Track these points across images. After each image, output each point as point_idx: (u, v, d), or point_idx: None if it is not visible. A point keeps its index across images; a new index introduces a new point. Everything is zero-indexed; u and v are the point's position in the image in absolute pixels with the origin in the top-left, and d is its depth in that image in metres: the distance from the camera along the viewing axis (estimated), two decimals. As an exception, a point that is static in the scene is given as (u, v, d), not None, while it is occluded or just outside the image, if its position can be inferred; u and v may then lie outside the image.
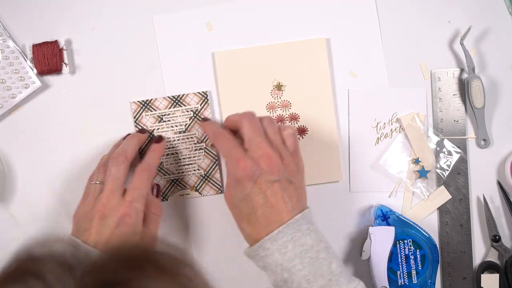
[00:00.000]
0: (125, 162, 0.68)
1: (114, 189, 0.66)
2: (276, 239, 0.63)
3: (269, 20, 0.77)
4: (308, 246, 0.63)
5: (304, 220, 0.64)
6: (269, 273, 0.64)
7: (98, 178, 0.69)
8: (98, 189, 0.67)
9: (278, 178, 0.64)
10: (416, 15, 0.78)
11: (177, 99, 0.76)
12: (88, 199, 0.67)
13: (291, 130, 0.68)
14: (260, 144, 0.65)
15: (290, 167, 0.66)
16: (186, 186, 0.76)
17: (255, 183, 0.63)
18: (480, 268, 0.76)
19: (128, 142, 0.71)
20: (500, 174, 0.78)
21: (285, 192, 0.64)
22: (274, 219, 0.63)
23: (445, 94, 0.78)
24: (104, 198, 0.65)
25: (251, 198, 0.64)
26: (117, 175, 0.67)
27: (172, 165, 0.76)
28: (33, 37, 0.76)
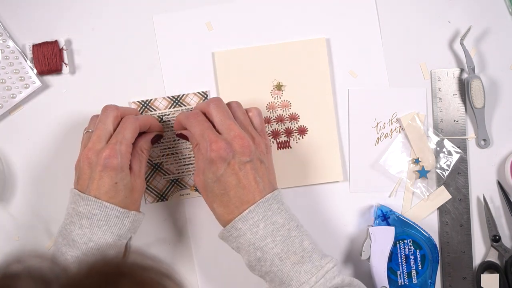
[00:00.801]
0: (114, 110, 0.68)
1: (100, 135, 0.66)
2: (247, 218, 0.63)
3: (269, 20, 0.77)
4: (279, 225, 0.64)
5: (274, 199, 0.65)
6: (243, 253, 0.65)
7: (90, 127, 0.69)
8: (89, 137, 0.68)
9: (250, 159, 0.64)
10: (416, 15, 0.78)
11: (177, 99, 0.76)
12: (81, 148, 0.68)
13: (256, 111, 0.70)
14: (230, 126, 0.65)
15: (261, 147, 0.67)
16: (186, 186, 0.76)
17: (229, 164, 0.64)
18: (480, 268, 0.76)
19: (128, 109, 0.72)
20: (500, 174, 0.78)
21: (256, 172, 0.65)
22: (246, 199, 0.64)
23: (445, 94, 0.78)
24: (90, 143, 0.66)
25: (224, 179, 0.64)
26: (105, 121, 0.67)
27: (172, 165, 0.76)
28: (33, 37, 0.76)
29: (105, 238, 0.64)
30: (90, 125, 0.70)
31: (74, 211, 0.65)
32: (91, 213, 0.64)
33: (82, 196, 0.64)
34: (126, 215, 0.65)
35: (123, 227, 0.65)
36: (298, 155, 0.76)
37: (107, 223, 0.64)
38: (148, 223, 0.75)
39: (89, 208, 0.64)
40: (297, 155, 0.77)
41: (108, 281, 0.42)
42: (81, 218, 0.64)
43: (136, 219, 0.66)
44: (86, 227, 0.64)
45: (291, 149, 0.77)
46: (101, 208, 0.64)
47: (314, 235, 0.75)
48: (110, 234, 0.64)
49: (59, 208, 0.75)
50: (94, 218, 0.64)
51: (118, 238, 0.65)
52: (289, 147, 0.77)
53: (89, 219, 0.64)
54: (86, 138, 0.68)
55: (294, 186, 0.76)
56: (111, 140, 0.66)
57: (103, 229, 0.64)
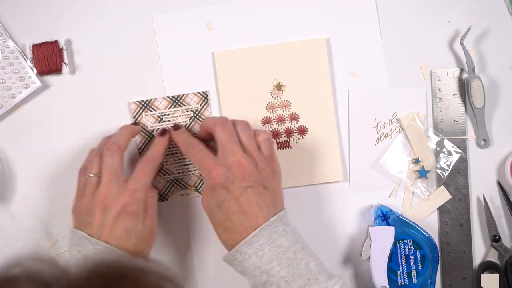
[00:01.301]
0: (119, 151, 0.67)
1: (112, 179, 0.66)
2: (252, 242, 0.63)
3: (269, 20, 0.77)
4: (285, 247, 0.63)
5: (279, 222, 0.65)
6: (248, 277, 0.65)
7: (92, 171, 0.68)
8: (94, 182, 0.67)
9: (251, 184, 0.64)
10: (416, 15, 0.78)
11: (177, 99, 0.76)
12: (86, 193, 0.67)
13: (266, 135, 0.68)
14: (233, 151, 0.65)
15: (264, 173, 0.66)
16: (186, 186, 0.76)
17: (228, 190, 0.64)
18: (480, 268, 0.76)
19: (121, 133, 0.71)
20: (500, 174, 0.78)
21: (259, 197, 0.64)
22: (249, 225, 0.64)
23: (445, 94, 0.78)
24: (103, 190, 0.65)
25: (226, 205, 0.64)
26: (113, 165, 0.66)
27: (172, 165, 0.76)
28: (33, 37, 0.76)
29: None
30: (92, 168, 0.67)
31: (81, 254, 0.64)
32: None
33: (91, 240, 0.63)
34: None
35: None
36: (298, 155, 0.76)
37: None
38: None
39: (97, 252, 0.63)
40: (297, 155, 0.77)
41: (109, 284, 0.42)
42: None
43: None
44: None
45: (291, 149, 0.77)
46: (110, 253, 0.63)
47: (314, 235, 0.76)
48: None
49: (59, 208, 0.75)
50: None
51: None
52: (289, 147, 0.77)
53: None
54: (90, 184, 0.67)
55: (294, 186, 0.76)
56: (129, 186, 0.65)
57: None
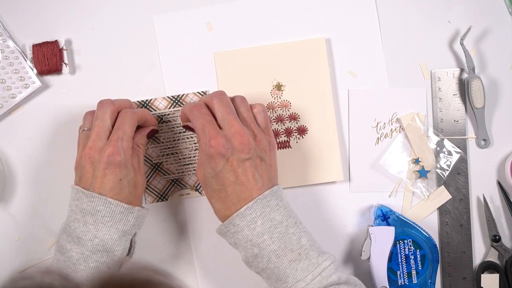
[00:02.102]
0: (111, 105, 0.68)
1: (100, 132, 0.66)
2: (245, 215, 0.63)
3: (269, 20, 0.77)
4: (277, 222, 0.64)
5: (273, 196, 0.65)
6: (240, 249, 0.65)
7: (85, 125, 0.69)
8: (86, 135, 0.67)
9: (249, 156, 0.64)
10: (416, 15, 0.78)
11: (176, 99, 0.76)
12: (79, 148, 0.68)
13: (261, 107, 0.69)
14: (232, 122, 0.65)
15: (262, 144, 0.66)
16: (186, 185, 0.76)
17: (227, 161, 0.64)
18: (480, 268, 0.76)
19: (118, 99, 0.71)
20: (500, 174, 0.78)
21: (256, 169, 0.65)
22: (243, 196, 0.64)
23: (445, 94, 0.78)
24: (91, 142, 0.65)
25: (222, 175, 0.64)
26: (103, 118, 0.67)
27: (172, 165, 0.76)
28: (33, 37, 0.76)
29: (110, 234, 0.64)
30: (85, 123, 0.69)
31: (78, 208, 0.65)
32: (95, 210, 0.64)
33: (86, 193, 0.64)
34: (130, 210, 0.65)
35: (128, 222, 0.65)
36: (298, 155, 0.77)
37: (111, 219, 0.64)
38: (148, 223, 0.75)
39: (93, 204, 0.64)
40: (297, 155, 0.77)
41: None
42: (85, 215, 0.64)
43: (140, 214, 0.66)
44: (91, 223, 0.64)
45: (291, 149, 0.77)
46: (105, 204, 0.64)
47: (314, 235, 0.76)
48: (115, 230, 0.64)
49: (59, 208, 0.75)
50: (99, 215, 0.64)
51: (123, 234, 0.65)
52: (289, 147, 0.77)
53: (93, 215, 0.64)
54: (83, 137, 0.68)
55: (294, 186, 0.76)
56: (112, 137, 0.65)
57: (108, 225, 0.64)
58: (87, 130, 0.68)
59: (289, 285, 0.63)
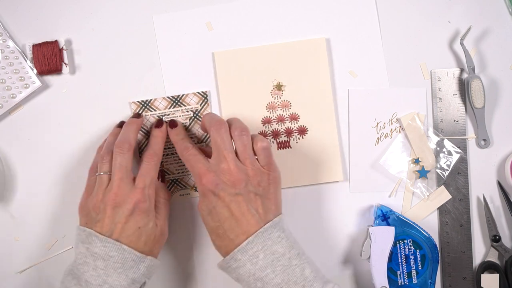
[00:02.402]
0: (130, 149, 0.67)
1: (123, 177, 0.65)
2: (247, 249, 0.63)
3: (269, 20, 0.77)
4: (280, 254, 0.63)
5: (274, 228, 0.65)
6: (243, 284, 0.65)
7: (103, 169, 0.68)
8: (105, 180, 0.67)
9: (241, 192, 0.64)
10: (416, 15, 0.78)
11: (176, 99, 0.76)
12: (96, 191, 0.67)
13: (264, 144, 0.67)
14: (225, 157, 0.65)
15: (255, 180, 0.65)
16: (186, 186, 0.76)
17: (219, 197, 0.64)
18: (480, 268, 0.76)
19: (128, 129, 0.70)
20: (500, 174, 0.78)
21: (250, 204, 0.65)
22: (240, 231, 0.64)
23: (445, 94, 0.78)
24: (115, 188, 0.65)
25: (217, 211, 0.64)
26: (124, 163, 0.66)
27: (172, 165, 0.76)
28: (33, 37, 0.76)
29: (120, 281, 0.63)
30: (103, 167, 0.67)
31: (89, 251, 0.63)
32: (107, 255, 0.63)
33: (100, 238, 0.63)
34: (142, 259, 0.64)
35: (138, 271, 0.64)
36: (298, 155, 0.77)
37: (123, 265, 0.63)
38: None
39: (106, 250, 0.63)
40: (297, 155, 0.77)
41: None
42: (96, 259, 0.63)
43: (151, 264, 0.65)
44: (101, 268, 0.63)
45: (291, 149, 0.77)
46: (119, 251, 0.63)
47: (314, 235, 0.76)
48: (125, 277, 0.63)
49: (59, 208, 0.76)
50: (111, 260, 0.63)
51: (132, 281, 0.64)
52: (289, 147, 0.77)
53: (105, 260, 0.63)
54: (99, 181, 0.67)
55: (294, 186, 0.76)
56: (139, 184, 0.65)
57: (118, 272, 0.63)
58: (104, 175, 0.67)
59: None
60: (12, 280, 0.75)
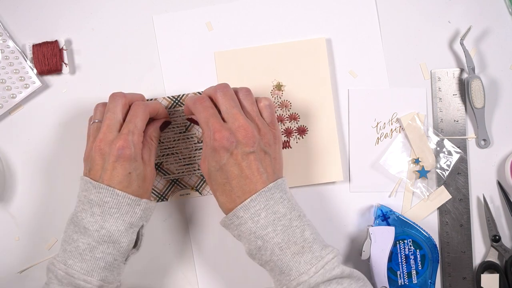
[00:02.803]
0: (123, 98, 0.68)
1: (110, 124, 0.66)
2: (249, 207, 0.63)
3: (269, 20, 0.77)
4: (281, 214, 0.64)
5: (277, 189, 0.65)
6: (243, 241, 0.65)
7: (96, 117, 0.69)
8: (97, 127, 0.68)
9: (253, 150, 0.64)
10: (416, 15, 0.78)
11: (177, 99, 0.76)
12: (89, 139, 0.68)
13: (267, 101, 0.69)
14: (235, 116, 0.65)
15: (266, 138, 0.66)
16: (186, 186, 0.76)
17: (231, 154, 0.64)
18: (480, 268, 0.76)
19: (129, 93, 0.71)
20: (500, 174, 0.78)
21: (260, 163, 0.65)
22: (248, 189, 0.64)
23: (445, 94, 0.78)
24: (101, 134, 0.65)
25: (227, 168, 0.64)
26: (114, 110, 0.67)
27: (172, 165, 0.76)
28: (33, 37, 0.76)
29: (117, 225, 0.64)
30: (96, 115, 0.69)
31: (86, 198, 0.65)
32: (102, 201, 0.64)
33: (94, 184, 0.64)
34: (137, 203, 0.65)
35: (135, 215, 0.65)
36: (298, 155, 0.77)
37: (118, 210, 0.64)
38: (149, 223, 0.75)
39: (100, 195, 0.64)
40: (297, 155, 0.77)
41: None
42: (93, 206, 0.64)
43: (147, 207, 0.66)
44: (98, 214, 0.64)
45: (291, 149, 0.77)
46: (112, 196, 0.64)
47: (314, 235, 0.76)
48: (122, 221, 0.64)
49: (59, 207, 0.76)
50: (106, 206, 0.64)
51: (129, 226, 0.65)
52: (289, 147, 0.77)
53: (100, 206, 0.64)
54: (93, 129, 0.68)
55: (294, 186, 0.76)
56: (123, 130, 0.66)
57: (114, 217, 0.64)
58: (98, 122, 0.68)
59: (292, 277, 0.63)
60: (12, 280, 0.75)
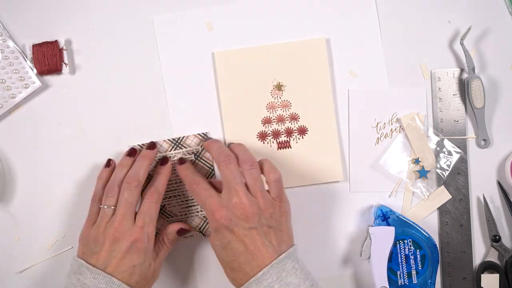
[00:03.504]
0: (138, 186, 0.68)
1: (126, 214, 0.66)
2: (261, 280, 0.63)
3: (269, 20, 0.77)
4: (294, 285, 0.63)
5: (289, 259, 0.65)
6: None
7: (107, 202, 0.68)
8: (108, 213, 0.67)
9: (254, 225, 0.64)
10: (416, 15, 0.78)
11: (177, 141, 0.75)
12: (98, 223, 0.67)
13: (275, 176, 0.67)
14: (236, 191, 0.65)
15: (268, 213, 0.66)
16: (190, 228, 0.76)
17: (233, 231, 0.64)
18: (480, 268, 0.76)
19: (140, 165, 0.70)
20: (500, 174, 0.78)
21: (264, 237, 0.65)
22: (255, 264, 0.64)
23: (445, 94, 0.78)
24: (116, 223, 0.65)
25: (231, 246, 0.64)
26: (130, 200, 0.67)
27: (175, 207, 0.75)
28: (33, 37, 0.76)
29: None
30: (108, 201, 0.68)
31: (79, 282, 0.64)
32: (97, 287, 0.63)
33: (91, 270, 0.64)
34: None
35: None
36: (298, 155, 0.77)
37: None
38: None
39: (96, 282, 0.63)
40: (297, 155, 0.77)
41: None
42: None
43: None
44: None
45: (291, 149, 0.77)
46: (108, 284, 0.63)
47: (314, 235, 0.76)
48: None
49: (59, 208, 0.76)
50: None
51: None
52: (289, 147, 0.77)
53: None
54: (102, 214, 0.67)
55: (294, 186, 0.76)
56: (138, 222, 0.66)
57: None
58: (109, 209, 0.67)
59: None
60: (12, 280, 0.75)
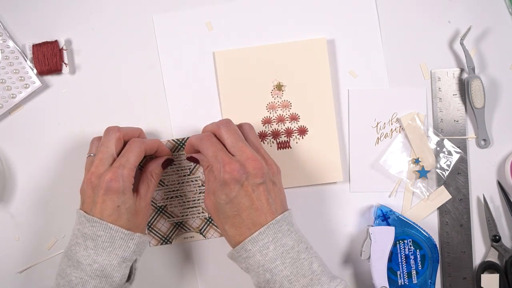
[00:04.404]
0: (117, 132, 0.68)
1: (103, 158, 0.66)
2: (257, 240, 0.63)
3: (269, 20, 0.77)
4: (289, 247, 0.64)
5: (284, 221, 0.65)
6: (252, 274, 0.65)
7: (91, 151, 0.70)
8: (91, 161, 0.68)
9: (263, 181, 0.64)
10: (416, 15, 0.78)
11: (181, 142, 0.75)
12: (84, 173, 0.68)
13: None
14: (242, 148, 0.65)
15: (273, 168, 0.67)
16: (191, 229, 0.76)
17: (242, 186, 0.64)
18: (480, 268, 0.76)
19: (128, 126, 0.72)
20: (500, 174, 0.78)
21: (269, 194, 0.65)
22: (258, 221, 0.64)
23: (445, 94, 0.78)
24: (93, 167, 0.66)
25: (238, 200, 0.64)
26: (108, 144, 0.67)
27: (176, 208, 0.76)
28: (33, 37, 0.76)
29: (110, 259, 0.63)
30: (92, 149, 0.70)
31: (80, 232, 0.64)
32: (96, 235, 0.63)
33: (88, 218, 0.64)
34: (130, 237, 0.65)
35: (128, 249, 0.65)
36: (298, 155, 0.77)
37: (111, 244, 0.64)
38: (153, 266, 0.76)
39: (94, 229, 0.64)
40: (297, 155, 0.77)
41: None
42: (86, 240, 0.64)
43: (141, 241, 0.66)
44: (91, 248, 0.63)
45: (291, 149, 0.77)
46: (105, 230, 0.63)
47: (314, 235, 0.76)
48: (115, 256, 0.64)
49: (59, 208, 0.76)
50: (99, 240, 0.63)
51: (122, 260, 0.64)
52: (289, 147, 0.77)
53: (94, 240, 0.63)
54: (89, 162, 0.69)
55: (294, 187, 0.76)
56: (115, 164, 0.66)
57: (107, 251, 0.64)
58: (92, 156, 0.68)
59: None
60: (12, 280, 0.75)
